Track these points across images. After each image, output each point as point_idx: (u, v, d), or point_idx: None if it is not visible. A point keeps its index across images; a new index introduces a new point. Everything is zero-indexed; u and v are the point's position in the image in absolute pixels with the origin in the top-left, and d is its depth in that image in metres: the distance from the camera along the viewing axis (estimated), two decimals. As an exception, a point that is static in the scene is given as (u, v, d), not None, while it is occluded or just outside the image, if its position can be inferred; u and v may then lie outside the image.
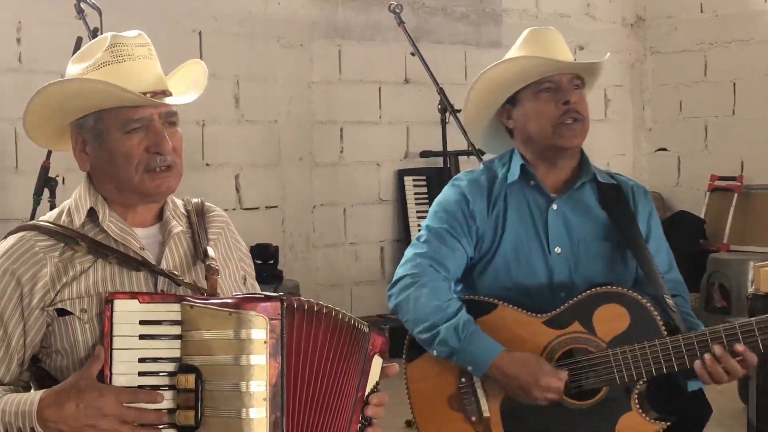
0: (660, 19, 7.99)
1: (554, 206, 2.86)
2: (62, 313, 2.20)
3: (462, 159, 6.25)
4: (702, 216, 7.47)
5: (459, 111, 4.71)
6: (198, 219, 2.42)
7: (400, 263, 2.92)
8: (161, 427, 2.10)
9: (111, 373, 2.11)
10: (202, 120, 6.10)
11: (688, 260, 7.19)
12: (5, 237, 2.27)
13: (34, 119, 2.30)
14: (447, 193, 2.97)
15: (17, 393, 2.18)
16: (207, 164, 6.19)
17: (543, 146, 2.82)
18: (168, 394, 2.11)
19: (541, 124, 2.79)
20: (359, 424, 2.28)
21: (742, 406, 4.44)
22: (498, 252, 2.89)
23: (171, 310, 2.14)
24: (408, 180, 6.43)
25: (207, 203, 2.49)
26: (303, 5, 6.48)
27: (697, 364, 2.59)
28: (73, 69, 2.26)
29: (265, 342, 2.10)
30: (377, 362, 2.31)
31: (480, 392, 2.78)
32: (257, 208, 6.40)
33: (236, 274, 2.46)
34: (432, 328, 2.77)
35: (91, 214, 2.27)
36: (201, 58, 5.91)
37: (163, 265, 2.28)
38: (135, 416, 2.08)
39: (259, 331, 2.10)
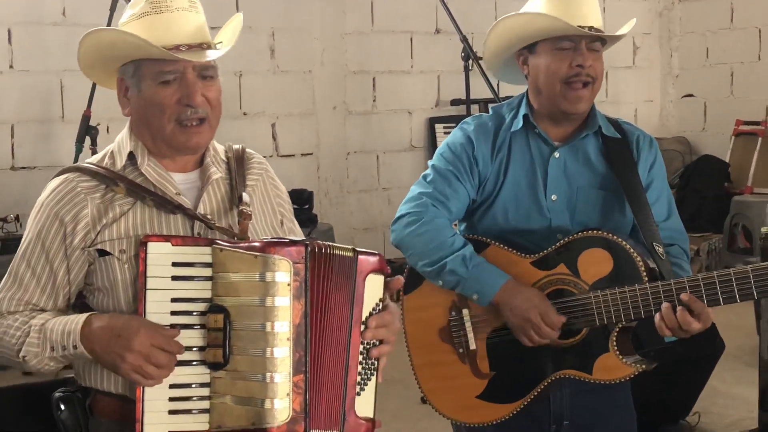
0: (688, -33, 7.91)
1: (556, 154, 2.87)
2: (102, 253, 2.24)
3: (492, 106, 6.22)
4: (727, 160, 7.44)
5: (482, 59, 4.73)
6: (236, 165, 2.45)
7: (404, 200, 2.93)
8: (193, 363, 2.14)
9: (144, 312, 2.15)
10: (239, 71, 6.16)
11: (713, 203, 7.21)
12: (52, 178, 2.32)
13: (85, 62, 2.36)
14: (454, 135, 2.96)
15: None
16: (244, 113, 6.25)
17: (550, 102, 2.82)
18: (199, 333, 2.15)
19: (551, 80, 2.79)
20: (362, 346, 2.28)
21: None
22: (499, 196, 2.90)
23: (202, 253, 2.17)
24: (439, 127, 6.48)
25: (248, 150, 2.51)
26: (337, -43, 6.48)
27: (656, 316, 2.60)
28: (124, 16, 2.31)
29: (289, 284, 2.13)
30: (373, 281, 2.29)
31: (468, 326, 2.84)
32: (293, 155, 6.47)
33: (273, 219, 2.49)
34: (438, 261, 2.82)
35: (132, 157, 2.31)
36: (237, 10, 6.00)
37: (200, 210, 2.30)
38: (163, 361, 2.13)
39: (284, 273, 2.13)
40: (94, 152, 4.68)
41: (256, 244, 2.15)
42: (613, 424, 2.87)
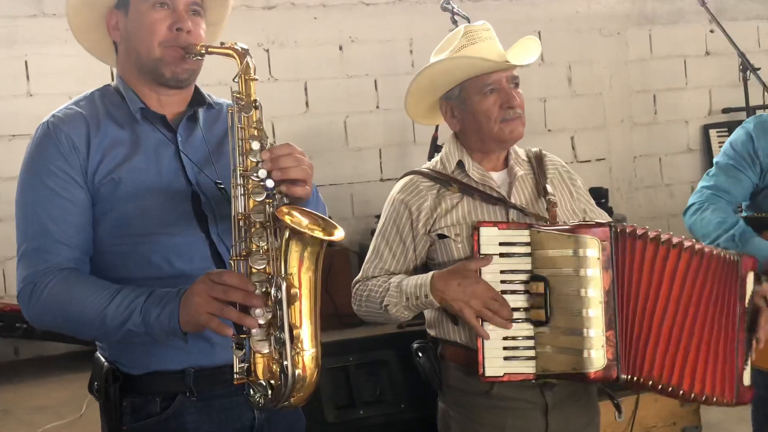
0: None
1: None
2: (441, 236, 2.28)
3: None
4: None
5: (758, 69, 4.67)
6: (537, 164, 2.41)
7: (693, 193, 2.95)
8: (519, 320, 2.12)
9: None
10: (543, 97, 6.14)
11: None
12: (400, 178, 2.41)
13: (412, 99, 2.36)
14: (736, 133, 2.89)
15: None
16: (549, 130, 6.24)
17: None
18: (522, 297, 2.14)
19: None
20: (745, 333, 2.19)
21: None
22: None
23: (522, 235, 2.15)
24: (712, 132, 6.03)
25: (544, 151, 2.48)
26: (619, 2, 6.33)
27: None
28: (435, 58, 2.31)
29: (598, 258, 2.06)
30: (750, 278, 2.21)
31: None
32: (589, 161, 6.40)
33: (572, 203, 2.41)
34: (714, 239, 2.77)
35: (459, 165, 2.35)
36: (542, 50, 5.93)
37: (513, 201, 2.31)
38: (496, 307, 2.13)
39: (593, 250, 2.06)
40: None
41: (567, 226, 2.12)
42: None
